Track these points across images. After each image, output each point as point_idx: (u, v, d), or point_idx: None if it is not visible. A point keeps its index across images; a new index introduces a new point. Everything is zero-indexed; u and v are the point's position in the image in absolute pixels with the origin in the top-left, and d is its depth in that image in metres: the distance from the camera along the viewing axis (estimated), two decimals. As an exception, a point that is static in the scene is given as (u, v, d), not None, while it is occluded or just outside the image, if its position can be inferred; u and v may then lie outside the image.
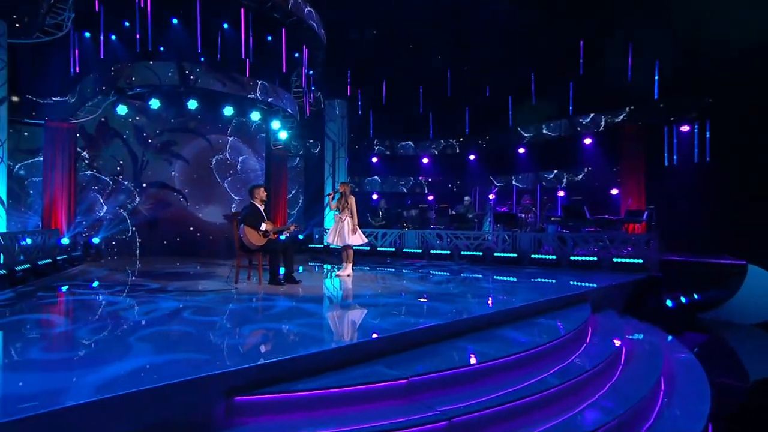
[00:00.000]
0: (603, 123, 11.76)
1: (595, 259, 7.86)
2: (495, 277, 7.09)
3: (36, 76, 8.59)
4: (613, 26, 10.54)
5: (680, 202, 9.81)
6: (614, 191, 11.42)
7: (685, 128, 10.43)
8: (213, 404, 2.55)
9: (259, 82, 9.23)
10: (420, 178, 15.32)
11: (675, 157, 10.63)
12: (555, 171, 12.99)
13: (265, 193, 6.03)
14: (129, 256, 9.68)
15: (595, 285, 6.03)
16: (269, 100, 9.57)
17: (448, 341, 3.65)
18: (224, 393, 2.60)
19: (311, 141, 13.49)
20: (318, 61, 11.10)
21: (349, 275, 6.74)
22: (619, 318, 5.55)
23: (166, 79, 8.27)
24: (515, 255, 8.65)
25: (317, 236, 11.38)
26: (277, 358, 2.84)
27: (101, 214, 9.67)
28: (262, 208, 5.98)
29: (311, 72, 10.88)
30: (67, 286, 5.60)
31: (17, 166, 8.91)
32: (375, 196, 14.93)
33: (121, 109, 8.69)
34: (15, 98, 8.41)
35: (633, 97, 10.99)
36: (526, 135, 13.39)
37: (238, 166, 11.43)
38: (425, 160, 15.21)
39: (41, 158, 9.02)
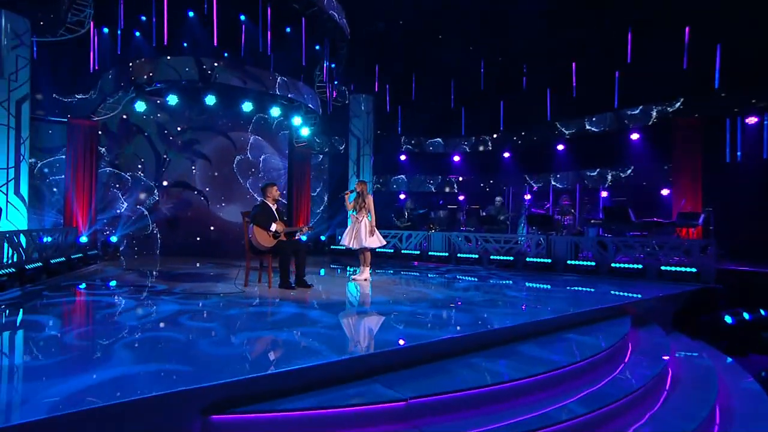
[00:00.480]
0: (654, 115, 11.00)
1: (641, 266, 7.28)
2: (525, 284, 6.68)
3: (59, 73, 8.88)
4: (665, 7, 9.82)
5: (744, 204, 9.01)
6: (665, 191, 10.65)
7: (752, 120, 9.57)
8: (187, 423, 2.39)
9: (279, 77, 9.18)
10: (450, 177, 14.95)
11: (739, 153, 9.78)
12: (598, 169, 12.31)
13: (278, 192, 5.96)
14: (148, 256, 9.87)
15: (639, 296, 5.54)
16: (289, 95, 9.52)
17: (460, 357, 3.36)
18: (200, 411, 2.43)
19: (336, 138, 13.39)
20: (342, 54, 10.98)
21: (366, 279, 6.58)
22: (667, 335, 5.04)
23: (185, 74, 8.35)
24: (549, 260, 8.16)
25: (340, 237, 11.18)
26: (263, 372, 2.65)
27: (121, 212, 9.90)
28: (274, 207, 5.90)
29: (333, 65, 10.76)
30: (74, 286, 5.67)
31: (40, 164, 9.22)
32: (402, 196, 14.67)
33: (140, 106, 8.86)
34: (39, 96, 8.72)
35: (689, 86, 10.20)
36: (566, 131, 12.76)
37: (260, 165, 11.48)
38: (456, 158, 14.82)
39: (62, 156, 9.32)
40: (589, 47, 11.23)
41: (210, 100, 8.95)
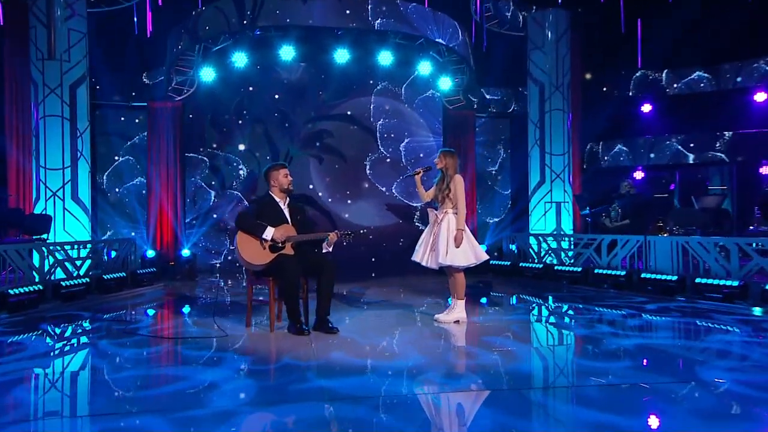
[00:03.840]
0: None
1: None
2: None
3: (122, 48, 10.03)
4: None
5: None
6: None
7: None
8: None
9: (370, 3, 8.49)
10: (733, 132, 11.37)
11: None
12: None
13: (289, 179, 5.32)
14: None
15: None
16: (399, 28, 8.71)
17: None
18: None
19: (518, 89, 11.81)
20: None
21: (459, 321, 5.53)
22: None
23: (243, 18, 8.41)
24: None
25: (525, 247, 9.75)
26: None
27: (226, 224, 10.64)
28: (284, 202, 5.32)
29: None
30: (45, 320, 6.00)
31: (117, 161, 10.61)
32: (639, 175, 12.01)
33: (207, 74, 9.35)
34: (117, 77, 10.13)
35: None
36: None
37: (402, 152, 11.24)
38: (760, 97, 11.19)
39: (124, 159, 10.48)
40: None
41: (287, 53, 8.89)
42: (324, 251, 5.31)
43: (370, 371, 3.90)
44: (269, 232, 5.00)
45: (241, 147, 10.80)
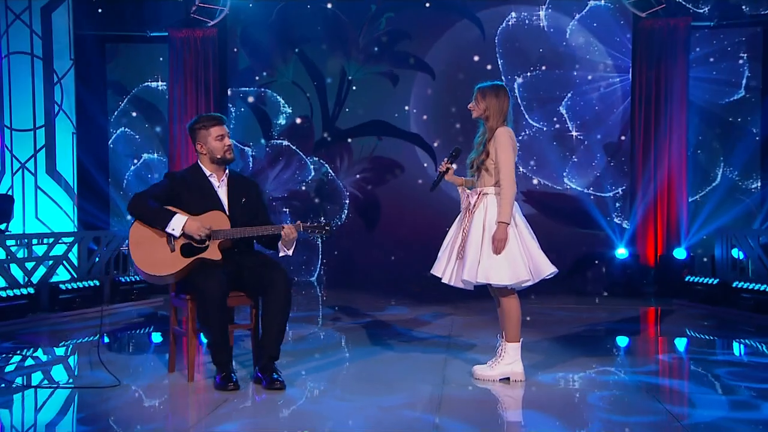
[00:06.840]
0: None
1: None
2: None
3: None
4: None
5: None
6: None
7: None
8: None
9: None
10: None
11: None
12: None
13: (226, 141, 5.04)
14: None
15: None
16: None
17: None
18: None
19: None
20: None
21: (515, 377, 5.13)
22: None
23: None
24: None
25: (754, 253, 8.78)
26: None
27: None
28: (220, 178, 5.12)
29: None
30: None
31: (121, 124, 10.74)
32: None
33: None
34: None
35: None
36: None
37: (564, 114, 10.95)
38: None
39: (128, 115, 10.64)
40: None
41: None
42: (281, 254, 5.08)
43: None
44: (178, 223, 4.73)
45: (280, 78, 10.94)
